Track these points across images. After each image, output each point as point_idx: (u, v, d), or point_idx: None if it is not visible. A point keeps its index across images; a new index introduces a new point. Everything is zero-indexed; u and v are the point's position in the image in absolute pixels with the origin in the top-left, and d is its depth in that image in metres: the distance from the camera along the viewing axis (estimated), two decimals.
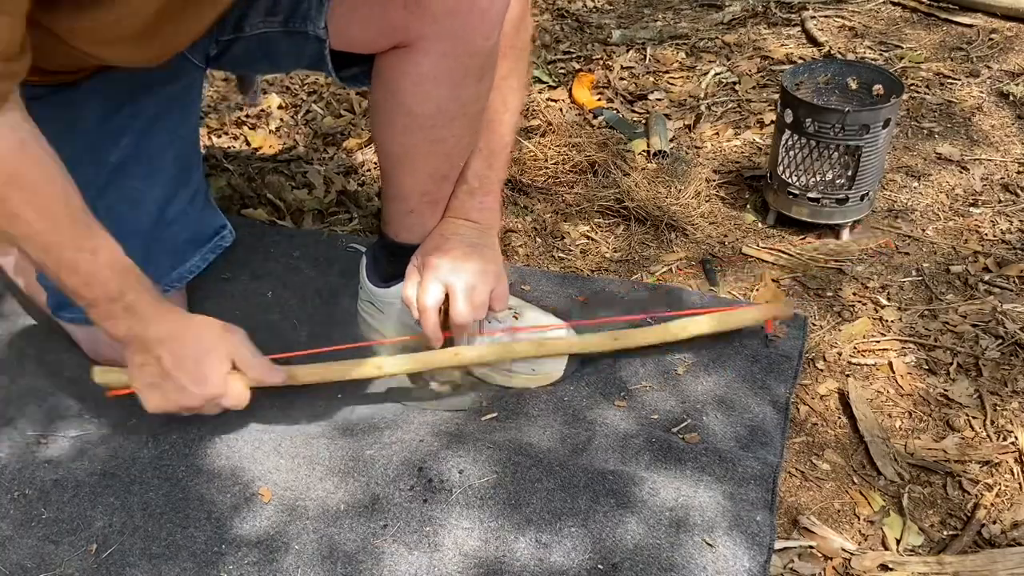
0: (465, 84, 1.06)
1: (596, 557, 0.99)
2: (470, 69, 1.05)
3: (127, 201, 1.18)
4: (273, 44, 1.12)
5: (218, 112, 2.03)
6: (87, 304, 1.01)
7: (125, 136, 1.16)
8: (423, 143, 1.10)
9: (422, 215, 1.19)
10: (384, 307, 1.26)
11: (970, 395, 1.25)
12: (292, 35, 1.10)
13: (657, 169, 1.75)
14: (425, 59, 1.03)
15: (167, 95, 1.20)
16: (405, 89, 1.06)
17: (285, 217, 1.65)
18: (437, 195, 1.18)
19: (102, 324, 1.03)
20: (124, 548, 1.01)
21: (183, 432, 1.14)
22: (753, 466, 1.11)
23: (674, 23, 2.34)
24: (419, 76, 1.04)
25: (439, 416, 1.19)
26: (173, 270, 1.25)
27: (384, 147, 1.15)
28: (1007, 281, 1.45)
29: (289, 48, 1.12)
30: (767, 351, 1.29)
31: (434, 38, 1.01)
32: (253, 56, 1.16)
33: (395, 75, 1.07)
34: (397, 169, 1.16)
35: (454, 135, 1.11)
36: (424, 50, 1.03)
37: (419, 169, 1.14)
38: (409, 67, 1.04)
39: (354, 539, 1.02)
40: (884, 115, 1.44)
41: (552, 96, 2.02)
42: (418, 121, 1.08)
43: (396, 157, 1.14)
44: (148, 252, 1.20)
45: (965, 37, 2.18)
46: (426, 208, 1.18)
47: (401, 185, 1.17)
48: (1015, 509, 1.10)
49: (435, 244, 1.17)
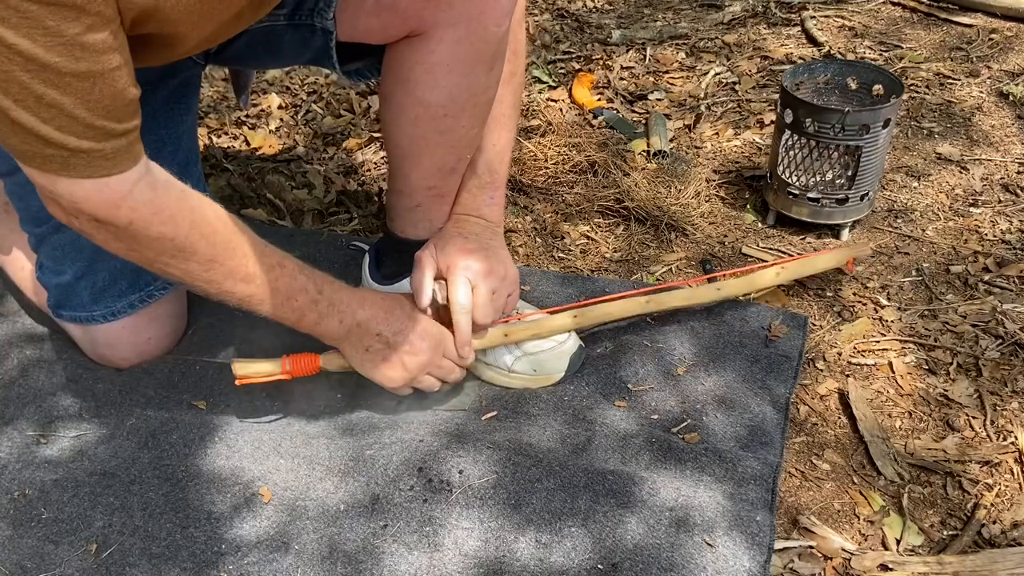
0: (476, 72, 1.06)
1: (596, 557, 0.99)
2: (482, 56, 1.05)
3: None
4: (276, 37, 1.11)
5: (218, 112, 2.03)
6: (297, 317, 1.03)
7: None
8: (432, 134, 1.10)
9: (428, 210, 1.19)
10: None
11: (970, 395, 1.25)
12: (297, 28, 1.09)
13: (657, 169, 1.75)
14: (439, 46, 1.03)
15: (166, 93, 1.19)
16: (417, 78, 1.06)
17: (285, 217, 1.65)
18: (443, 189, 1.18)
19: (317, 331, 1.05)
20: (124, 548, 1.01)
21: (183, 433, 1.14)
22: (753, 466, 1.11)
23: (674, 23, 2.34)
24: (432, 64, 1.05)
25: (439, 416, 1.19)
26: None
27: (393, 139, 1.15)
28: (1007, 281, 1.45)
29: (293, 41, 1.11)
30: (767, 351, 1.29)
31: (448, 24, 1.01)
32: (255, 51, 1.15)
33: (407, 64, 1.06)
34: (405, 162, 1.16)
35: (463, 126, 1.11)
36: (438, 38, 1.03)
37: (426, 162, 1.14)
38: (422, 55, 1.05)
39: (354, 539, 1.02)
40: (884, 115, 1.44)
41: (552, 96, 2.02)
42: (430, 111, 1.08)
43: (404, 149, 1.14)
44: None
45: (965, 37, 2.18)
46: (432, 202, 1.18)
47: (408, 178, 1.17)
48: (1015, 509, 1.10)
49: (457, 244, 1.15)
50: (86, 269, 1.19)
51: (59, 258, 1.20)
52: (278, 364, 1.11)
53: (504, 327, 1.18)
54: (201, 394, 1.22)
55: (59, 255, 1.20)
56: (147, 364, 1.27)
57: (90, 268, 1.19)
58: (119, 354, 1.25)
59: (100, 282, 1.20)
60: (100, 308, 1.21)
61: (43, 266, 1.23)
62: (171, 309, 1.28)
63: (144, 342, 1.25)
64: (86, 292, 1.21)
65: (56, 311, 1.25)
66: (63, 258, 1.20)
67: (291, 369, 1.12)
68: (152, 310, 1.24)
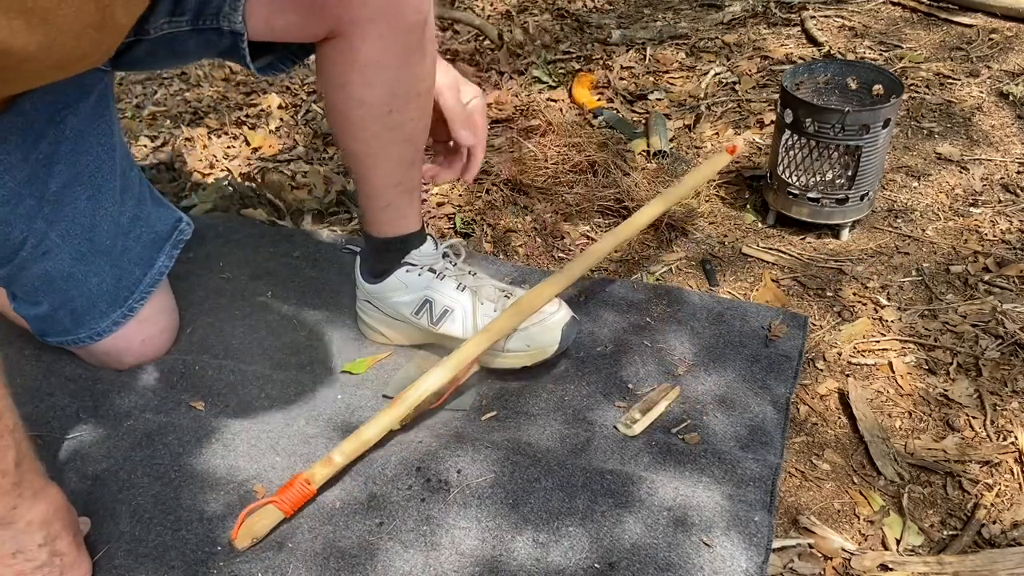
0: (411, 62, 1.06)
1: (594, 556, 0.99)
2: (411, 46, 1.05)
3: (81, 225, 1.15)
4: (180, 42, 1.09)
5: (218, 112, 2.03)
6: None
7: (58, 163, 1.12)
8: (382, 132, 1.10)
9: (399, 207, 1.20)
10: (380, 303, 1.27)
11: (970, 395, 1.25)
12: (203, 32, 1.07)
13: (657, 169, 1.75)
14: (364, 44, 1.03)
15: (85, 110, 1.14)
16: (352, 80, 1.06)
17: (285, 217, 1.65)
18: (409, 183, 1.19)
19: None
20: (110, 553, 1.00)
21: (179, 435, 1.14)
22: (752, 466, 1.10)
23: (674, 23, 2.34)
24: (362, 64, 1.04)
25: (438, 415, 1.19)
26: (144, 276, 1.23)
27: (347, 147, 1.15)
28: (1007, 281, 1.45)
29: (199, 44, 1.09)
30: (767, 351, 1.29)
31: (366, 21, 1.01)
32: (157, 56, 1.13)
33: (339, 68, 1.06)
34: (364, 167, 1.16)
35: (411, 118, 1.11)
36: (361, 36, 1.02)
37: (384, 161, 1.14)
38: (350, 56, 1.04)
39: (349, 536, 1.01)
40: (884, 115, 1.43)
41: (552, 96, 2.02)
42: (373, 110, 1.08)
43: (361, 155, 1.15)
44: (119, 267, 1.19)
45: (965, 37, 2.18)
46: (401, 198, 1.19)
47: (372, 182, 1.18)
48: (1015, 509, 1.10)
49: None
50: (62, 299, 1.18)
51: (32, 292, 1.18)
52: (276, 512, 1.02)
53: (486, 334, 1.17)
54: (199, 394, 1.22)
55: (30, 290, 1.18)
56: (147, 363, 1.26)
57: (65, 297, 1.17)
58: (117, 359, 1.25)
59: (79, 308, 1.18)
60: (84, 331, 1.20)
61: (17, 298, 1.21)
62: (158, 306, 1.26)
63: (139, 345, 1.24)
64: (67, 319, 1.19)
65: (42, 337, 1.24)
66: (36, 292, 1.18)
67: (288, 506, 1.02)
68: (138, 316, 1.23)
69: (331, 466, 1.05)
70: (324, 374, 1.25)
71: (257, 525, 1.00)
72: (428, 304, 1.23)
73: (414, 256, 1.24)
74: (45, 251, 1.14)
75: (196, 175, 1.82)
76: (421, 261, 1.24)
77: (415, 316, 1.24)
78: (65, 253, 1.15)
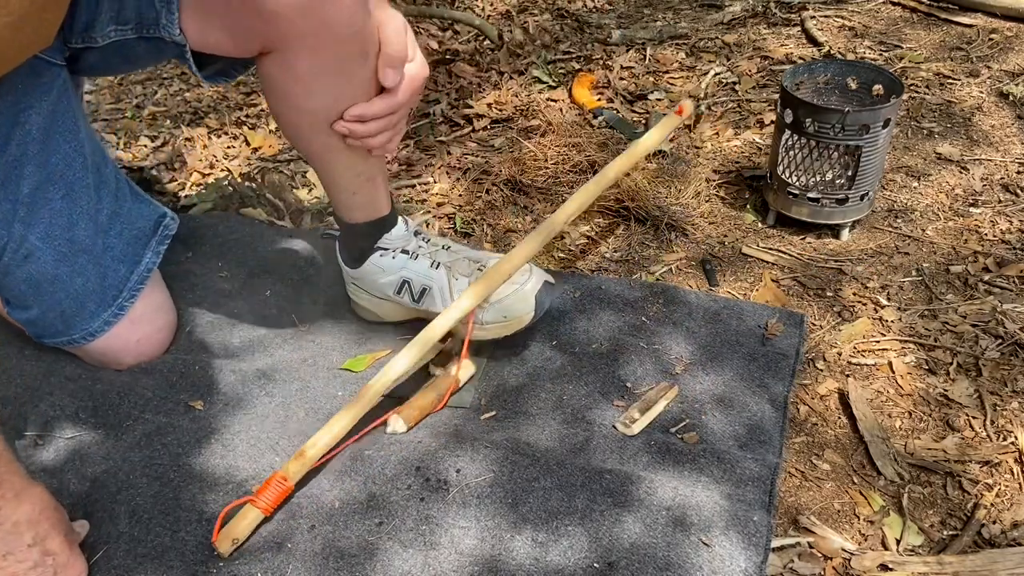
0: (351, 69, 1.04)
1: (593, 556, 0.99)
2: (347, 55, 1.02)
3: (59, 225, 1.15)
4: (129, 49, 1.10)
5: (218, 112, 2.03)
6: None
7: (27, 164, 1.11)
8: (333, 136, 1.10)
9: (367, 193, 1.21)
10: (364, 283, 1.29)
11: (970, 395, 1.25)
12: (149, 40, 1.07)
13: (657, 169, 1.75)
14: (298, 59, 1.01)
15: (47, 108, 1.12)
16: (294, 91, 1.06)
17: (285, 217, 1.65)
18: (372, 172, 1.19)
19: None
20: (109, 553, 1.00)
21: (178, 435, 1.14)
22: (751, 466, 1.10)
23: (674, 23, 2.34)
24: (300, 75, 1.03)
25: (438, 415, 1.19)
26: (131, 274, 1.22)
27: (304, 150, 1.16)
28: (1007, 281, 1.44)
29: (148, 51, 1.10)
30: (764, 349, 1.29)
31: (296, 38, 0.99)
32: (110, 62, 1.13)
33: (279, 81, 1.05)
34: (325, 165, 1.17)
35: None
36: (294, 50, 1.01)
37: (343, 159, 1.15)
38: (287, 69, 1.03)
39: (348, 536, 1.01)
40: (884, 115, 1.43)
41: (552, 96, 2.02)
42: (319, 117, 1.08)
43: (318, 156, 1.15)
44: (102, 266, 1.19)
45: (965, 37, 2.18)
46: (367, 186, 1.20)
47: (334, 177, 1.19)
48: (1015, 509, 1.09)
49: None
50: (49, 301, 1.18)
51: (20, 297, 1.19)
52: (254, 511, 1.01)
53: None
54: (199, 394, 1.22)
55: (19, 295, 1.18)
56: (147, 363, 1.26)
57: (53, 299, 1.18)
58: (115, 359, 1.25)
59: (68, 309, 1.19)
60: (77, 331, 1.20)
61: (9, 303, 1.22)
62: (152, 304, 1.26)
63: (136, 344, 1.24)
64: (58, 321, 1.20)
65: (38, 339, 1.24)
66: (24, 297, 1.18)
67: (266, 504, 1.01)
68: (131, 315, 1.23)
69: (304, 460, 1.04)
70: (324, 372, 1.25)
71: (237, 527, 1.00)
72: (407, 284, 1.25)
73: (385, 240, 1.26)
74: (27, 254, 1.14)
75: (196, 175, 1.82)
76: (392, 244, 1.26)
77: (398, 295, 1.26)
78: (47, 255, 1.15)
